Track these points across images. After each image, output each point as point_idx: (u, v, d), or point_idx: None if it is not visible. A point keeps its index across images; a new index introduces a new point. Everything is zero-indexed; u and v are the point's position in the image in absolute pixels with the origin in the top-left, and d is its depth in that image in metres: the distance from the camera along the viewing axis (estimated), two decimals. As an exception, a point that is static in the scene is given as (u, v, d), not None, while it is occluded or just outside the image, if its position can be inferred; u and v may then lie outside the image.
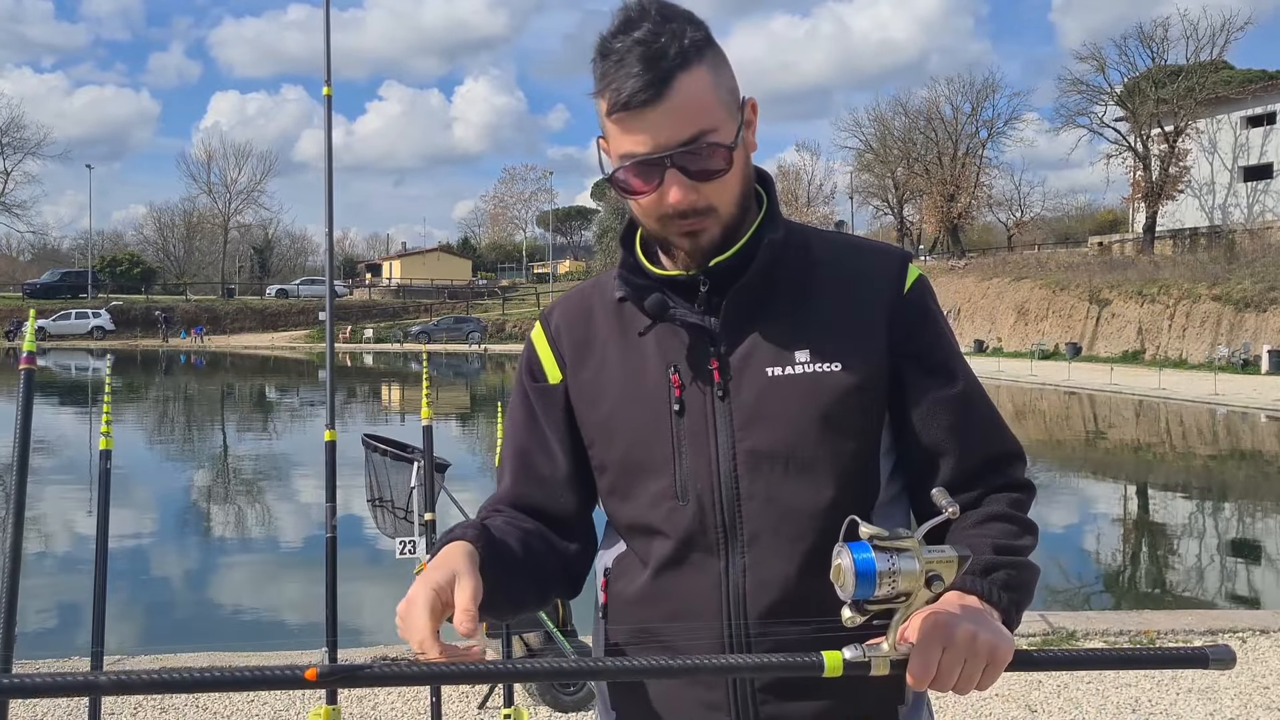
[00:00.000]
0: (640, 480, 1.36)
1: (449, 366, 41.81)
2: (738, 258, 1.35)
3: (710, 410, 1.33)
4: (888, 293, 1.37)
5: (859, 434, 1.33)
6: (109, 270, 69.56)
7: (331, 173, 2.60)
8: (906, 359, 1.36)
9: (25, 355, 1.80)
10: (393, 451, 5.51)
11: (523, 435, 1.47)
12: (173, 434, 20.52)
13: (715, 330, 1.35)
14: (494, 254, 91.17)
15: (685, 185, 1.27)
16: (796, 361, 1.33)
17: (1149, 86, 47.35)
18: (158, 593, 8.47)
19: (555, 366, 1.45)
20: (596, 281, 1.50)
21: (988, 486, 1.36)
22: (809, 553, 1.29)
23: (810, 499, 1.30)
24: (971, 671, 1.16)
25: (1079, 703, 4.74)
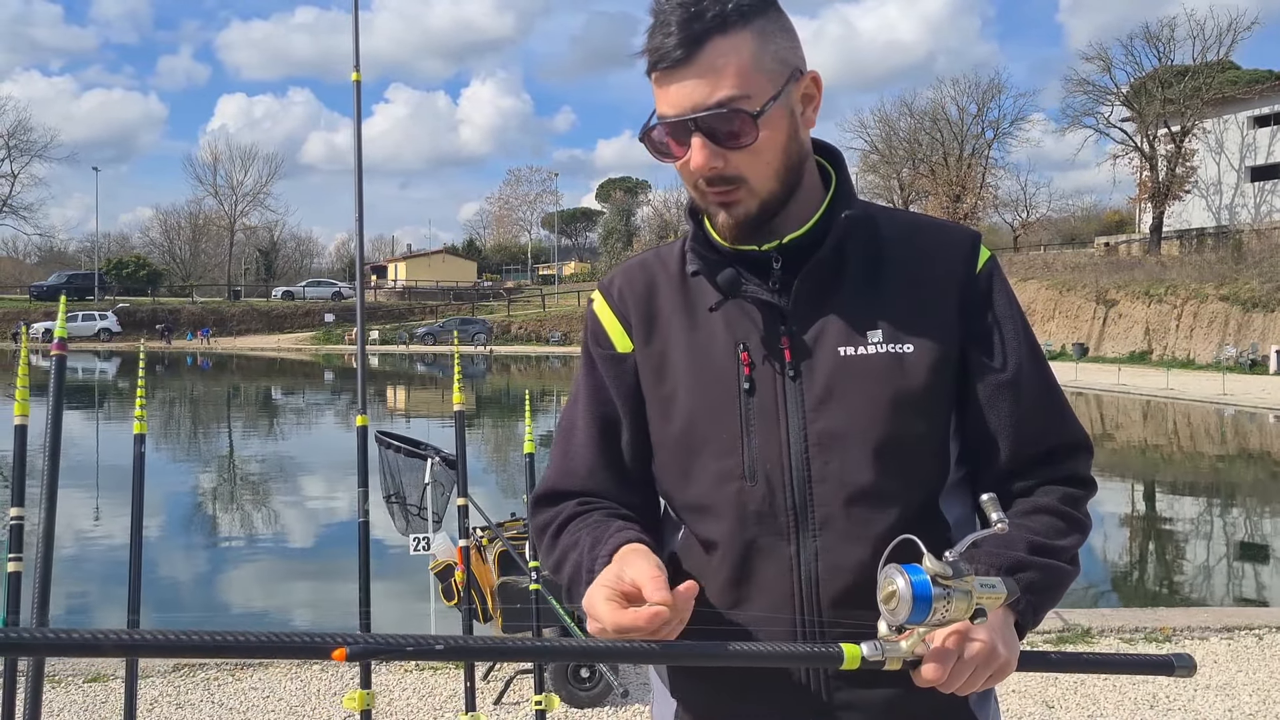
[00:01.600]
0: (703, 459, 1.33)
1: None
2: (810, 235, 1.32)
3: (781, 390, 1.30)
4: (959, 272, 1.34)
5: (931, 415, 1.30)
6: (115, 272, 69.74)
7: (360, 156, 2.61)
8: (976, 339, 1.34)
9: (56, 342, 1.80)
10: (406, 448, 5.53)
11: (596, 407, 1.42)
12: (184, 434, 20.55)
13: (786, 309, 1.31)
14: (499, 256, 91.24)
15: (710, 151, 1.24)
16: (869, 341, 1.30)
17: (1155, 87, 47.28)
18: (180, 586, 8.48)
19: (624, 335, 1.41)
20: (656, 253, 1.46)
21: (1044, 478, 1.34)
22: (882, 536, 1.25)
23: (883, 481, 1.27)
24: (976, 679, 1.17)
25: (1096, 699, 4.72)
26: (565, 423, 1.46)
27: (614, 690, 4.58)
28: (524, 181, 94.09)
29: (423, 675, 5.05)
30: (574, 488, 1.40)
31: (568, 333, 54.33)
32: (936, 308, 1.32)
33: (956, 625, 1.13)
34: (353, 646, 0.93)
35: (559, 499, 1.41)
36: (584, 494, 1.39)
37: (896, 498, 1.28)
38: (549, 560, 1.38)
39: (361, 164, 2.65)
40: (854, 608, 1.24)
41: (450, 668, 5.13)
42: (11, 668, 1.75)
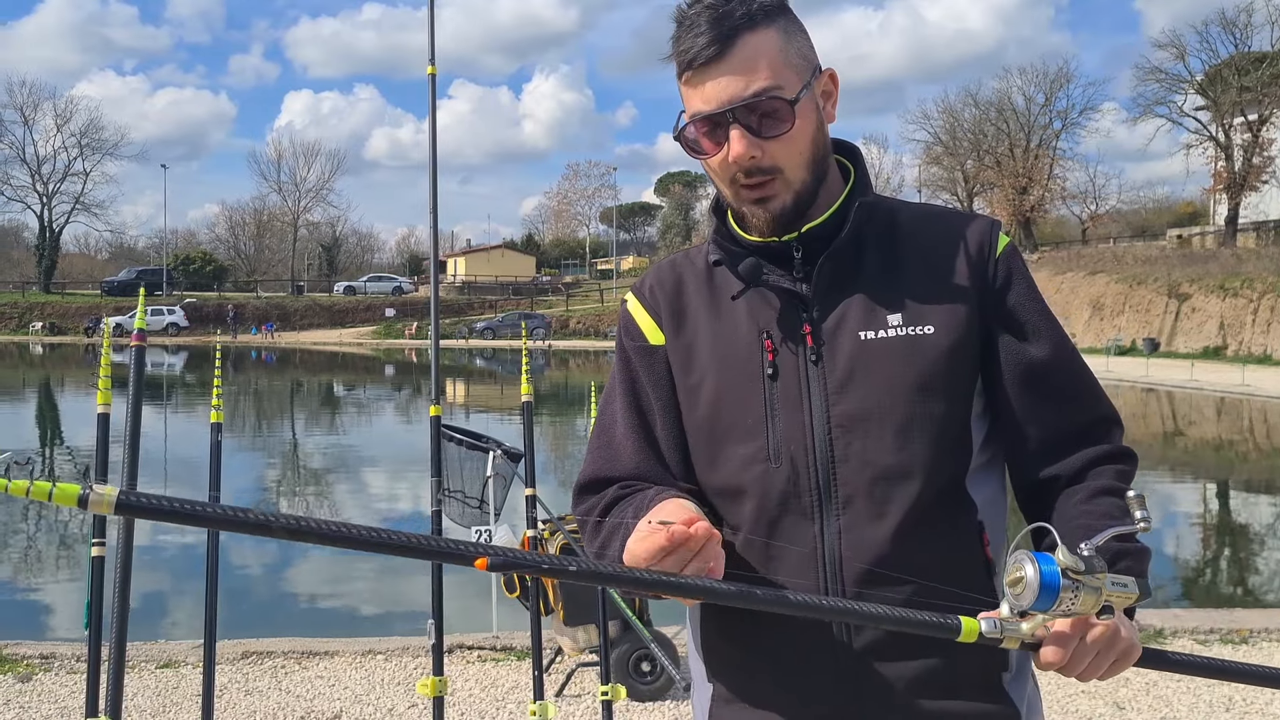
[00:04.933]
0: (729, 444, 1.37)
1: (514, 363, 42.11)
2: (829, 224, 1.37)
3: (804, 374, 1.34)
4: (978, 256, 1.38)
5: (952, 397, 1.33)
6: (183, 268, 71.38)
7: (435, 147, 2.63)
8: (998, 322, 1.37)
9: (136, 333, 1.84)
10: (468, 441, 5.57)
11: (632, 399, 1.46)
12: (252, 427, 20.98)
13: (808, 295, 1.37)
14: (557, 250, 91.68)
15: (748, 141, 1.29)
16: (889, 325, 1.34)
17: (1231, 74, 46.00)
18: (251, 577, 8.65)
19: (656, 329, 1.46)
20: (686, 253, 1.53)
21: (1086, 455, 1.36)
22: (904, 515, 1.30)
23: (904, 461, 1.31)
24: (1099, 664, 1.18)
25: (1169, 700, 4.61)
26: (602, 418, 1.50)
27: (676, 683, 4.58)
28: (582, 176, 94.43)
29: (485, 667, 5.09)
30: (616, 474, 1.43)
31: (626, 327, 54.33)
32: (955, 292, 1.36)
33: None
34: (494, 558, 0.99)
35: (601, 485, 1.44)
36: (626, 479, 1.42)
37: (918, 477, 1.31)
38: (594, 544, 1.40)
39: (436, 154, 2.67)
40: (876, 585, 1.28)
41: (513, 659, 5.17)
42: (95, 654, 1.80)
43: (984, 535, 1.35)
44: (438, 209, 2.69)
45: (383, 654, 5.27)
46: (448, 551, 1.01)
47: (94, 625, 1.80)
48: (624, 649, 4.58)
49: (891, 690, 1.31)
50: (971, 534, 1.34)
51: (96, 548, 1.81)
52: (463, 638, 5.45)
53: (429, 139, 2.67)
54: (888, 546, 1.29)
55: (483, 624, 5.71)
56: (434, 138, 2.62)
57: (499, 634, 5.43)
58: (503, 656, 5.24)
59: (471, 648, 5.32)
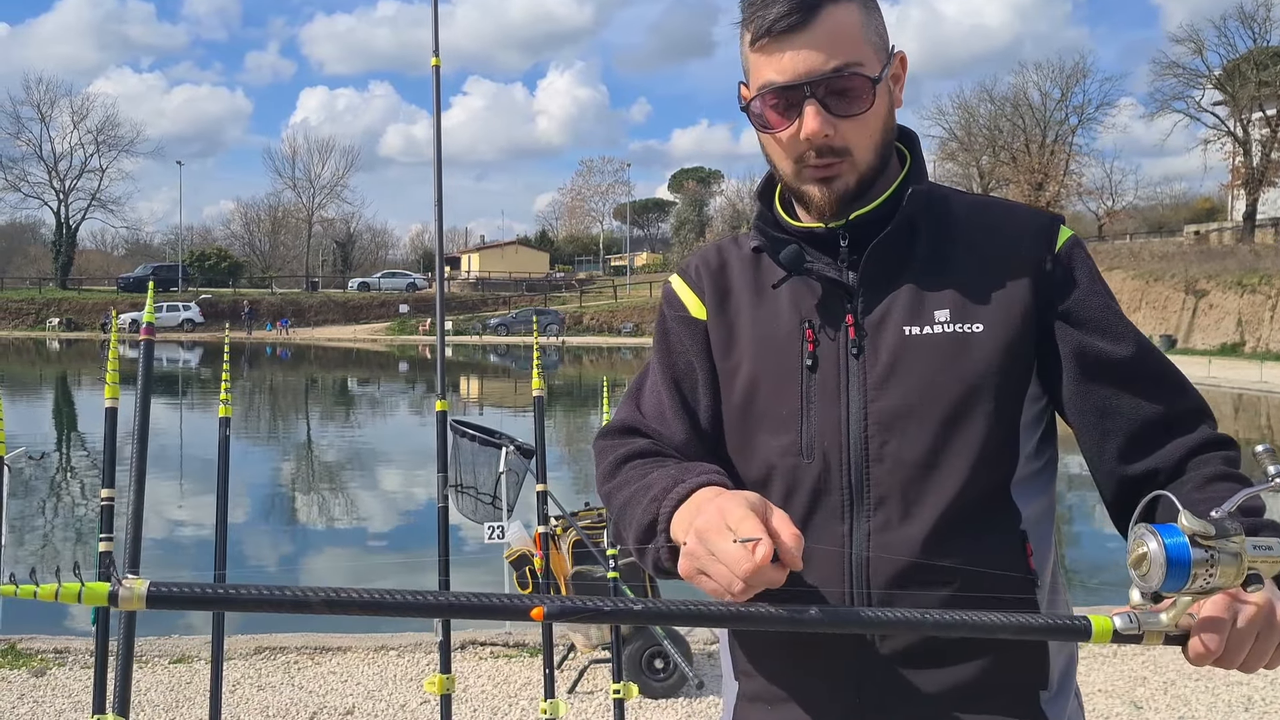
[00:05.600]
0: (762, 433, 1.32)
1: (528, 359, 42.14)
2: (879, 211, 1.30)
3: (843, 367, 1.29)
4: (1037, 252, 1.30)
5: (998, 399, 1.26)
6: (198, 264, 71.66)
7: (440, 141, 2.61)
8: (1063, 320, 1.29)
9: (145, 327, 1.82)
10: (480, 437, 5.56)
11: (669, 370, 1.40)
12: (266, 422, 21.05)
13: (852, 286, 1.30)
14: (571, 247, 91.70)
15: (823, 118, 1.23)
16: (936, 321, 1.27)
17: (1250, 69, 45.63)
18: (263, 572, 8.67)
19: (698, 303, 1.41)
20: (734, 237, 1.47)
21: (1184, 445, 1.25)
22: (938, 520, 1.24)
23: (941, 464, 1.24)
24: (1263, 649, 1.05)
25: (1188, 699, 4.56)
26: (637, 382, 1.45)
27: (689, 681, 4.56)
28: (596, 172, 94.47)
29: (498, 663, 5.08)
30: (646, 428, 1.38)
31: (639, 324, 54.42)
32: (1010, 289, 1.28)
33: (1225, 592, 1.02)
34: (550, 606, 0.94)
35: (632, 433, 1.39)
36: (658, 437, 1.37)
37: (955, 482, 1.24)
38: (609, 483, 1.34)
39: (440, 149, 2.65)
40: (903, 590, 1.23)
41: (525, 655, 5.16)
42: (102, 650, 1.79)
43: (1027, 546, 1.27)
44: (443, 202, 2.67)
45: (395, 650, 5.27)
46: (500, 608, 0.96)
47: (101, 622, 1.79)
48: (637, 645, 4.56)
49: (918, 697, 1.25)
50: (1012, 544, 1.26)
51: (104, 543, 1.80)
52: (475, 634, 5.44)
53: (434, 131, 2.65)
54: (918, 551, 1.23)
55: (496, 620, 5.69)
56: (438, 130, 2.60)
57: (511, 630, 5.42)
58: (515, 653, 5.23)
59: (484, 644, 5.32)
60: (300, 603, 0.91)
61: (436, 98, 2.66)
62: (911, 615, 1.02)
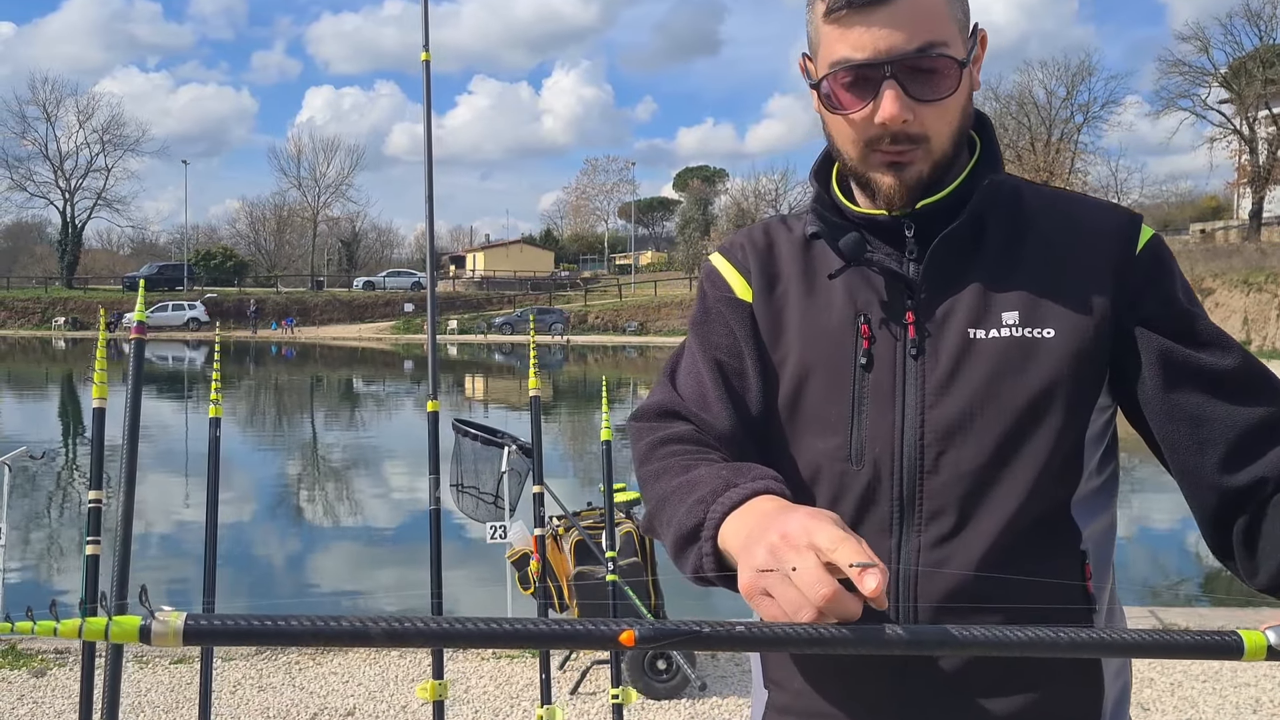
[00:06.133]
0: (807, 435, 1.23)
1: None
2: (948, 201, 1.20)
3: (900, 368, 1.19)
4: (1115, 251, 1.20)
5: (1067, 410, 1.16)
6: (203, 263, 71.77)
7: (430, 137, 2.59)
8: (1145, 325, 1.18)
9: (136, 325, 1.79)
10: (483, 436, 5.54)
11: (709, 352, 1.29)
12: (270, 422, 21.06)
13: (915, 280, 1.20)
14: (576, 245, 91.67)
15: (903, 102, 1.12)
16: (1003, 324, 1.17)
17: (1256, 67, 45.48)
18: (260, 569, 8.66)
19: (744, 284, 1.30)
20: (782, 218, 1.36)
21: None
22: (995, 538, 1.14)
23: (1003, 478, 1.15)
24: None
25: (1195, 701, 4.52)
26: (674, 363, 1.33)
27: (691, 683, 4.53)
28: (601, 171, 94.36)
29: (499, 664, 5.05)
30: (687, 412, 1.26)
31: (644, 322, 54.39)
32: (1085, 291, 1.18)
33: None
34: (642, 630, 0.84)
35: (671, 416, 1.27)
36: (700, 424, 1.24)
37: (1016, 497, 1.15)
38: (648, 464, 1.23)
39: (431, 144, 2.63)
40: (952, 612, 1.13)
41: (527, 657, 5.13)
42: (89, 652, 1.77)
43: (1086, 566, 1.19)
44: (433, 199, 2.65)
45: (397, 651, 5.24)
46: (585, 635, 0.85)
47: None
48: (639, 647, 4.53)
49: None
50: (1071, 564, 1.18)
51: (91, 546, 1.77)
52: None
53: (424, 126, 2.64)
54: (970, 570, 1.14)
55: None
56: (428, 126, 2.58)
57: (513, 630, 5.38)
58: (517, 654, 5.20)
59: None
60: (358, 634, 0.82)
61: (427, 94, 2.64)
62: (1013, 635, 0.88)
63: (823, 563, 0.89)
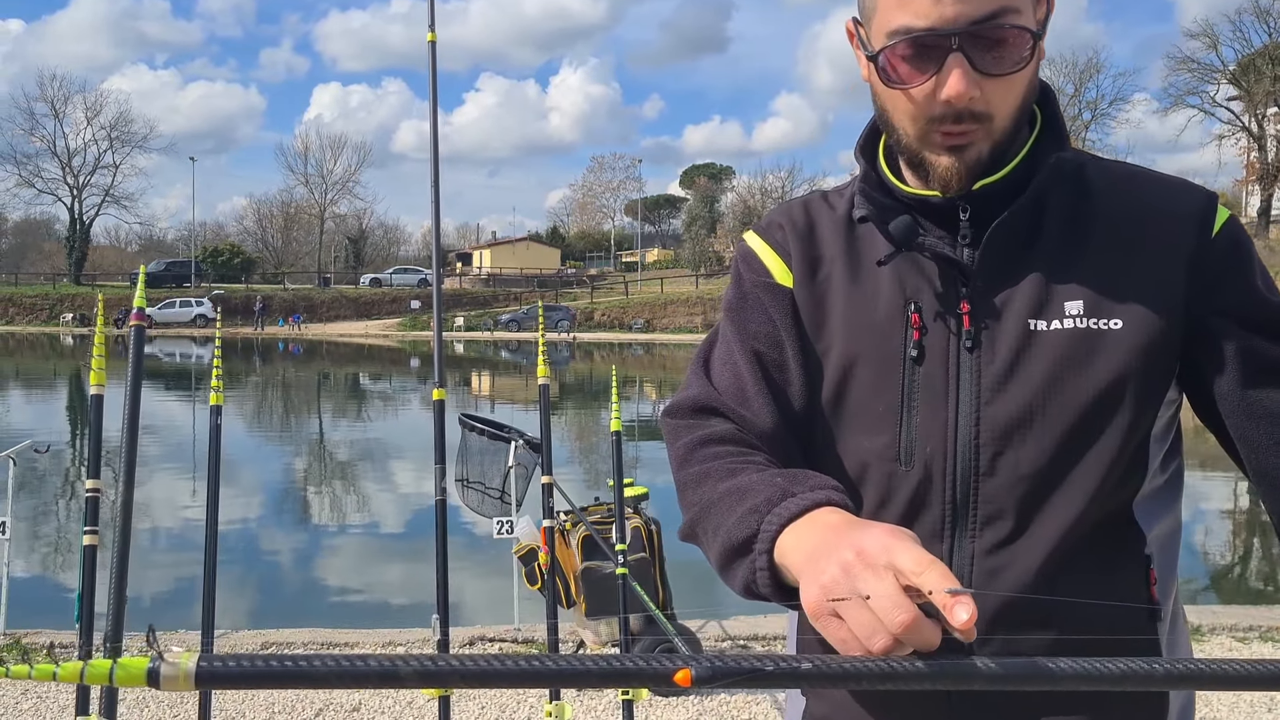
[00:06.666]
0: (852, 433, 1.15)
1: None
2: (1007, 181, 1.10)
3: (954, 362, 1.11)
4: (1189, 235, 1.10)
5: (1134, 407, 1.08)
6: (211, 260, 71.90)
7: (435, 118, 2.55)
8: (1221, 315, 1.09)
9: (135, 311, 1.76)
10: (490, 431, 5.51)
11: (746, 341, 1.19)
12: (277, 417, 21.07)
13: (970, 267, 1.11)
14: (582, 243, 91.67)
15: (970, 78, 1.02)
16: (1067, 314, 1.09)
17: (1265, 64, 45.33)
18: (267, 565, 8.64)
19: (784, 268, 1.21)
20: (823, 195, 1.27)
21: None
22: (1056, 544, 1.07)
23: (1066, 481, 1.08)
24: None
25: (1208, 699, 4.47)
26: (701, 355, 1.25)
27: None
28: (607, 168, 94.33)
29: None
30: (725, 408, 1.17)
31: (650, 320, 54.34)
32: (1156, 278, 1.09)
33: None
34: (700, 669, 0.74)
35: (708, 412, 1.18)
36: (739, 421, 1.16)
37: (1078, 501, 1.08)
38: (686, 468, 1.14)
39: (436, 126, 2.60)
40: (1009, 626, 1.07)
41: (537, 650, 5.10)
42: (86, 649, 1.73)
43: (1150, 572, 1.12)
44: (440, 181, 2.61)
45: (403, 646, 5.22)
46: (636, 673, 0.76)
47: (85, 619, 1.71)
48: (647, 643, 4.49)
49: None
50: (1136, 571, 1.11)
51: (89, 536, 1.74)
52: (484, 630, 5.39)
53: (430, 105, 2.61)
54: (1030, 579, 1.07)
55: (505, 616, 5.64)
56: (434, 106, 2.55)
57: (520, 627, 5.36)
58: (524, 649, 5.17)
59: (493, 640, 5.26)
60: (388, 675, 0.75)
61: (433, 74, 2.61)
62: (1117, 668, 0.76)
63: (902, 586, 0.80)
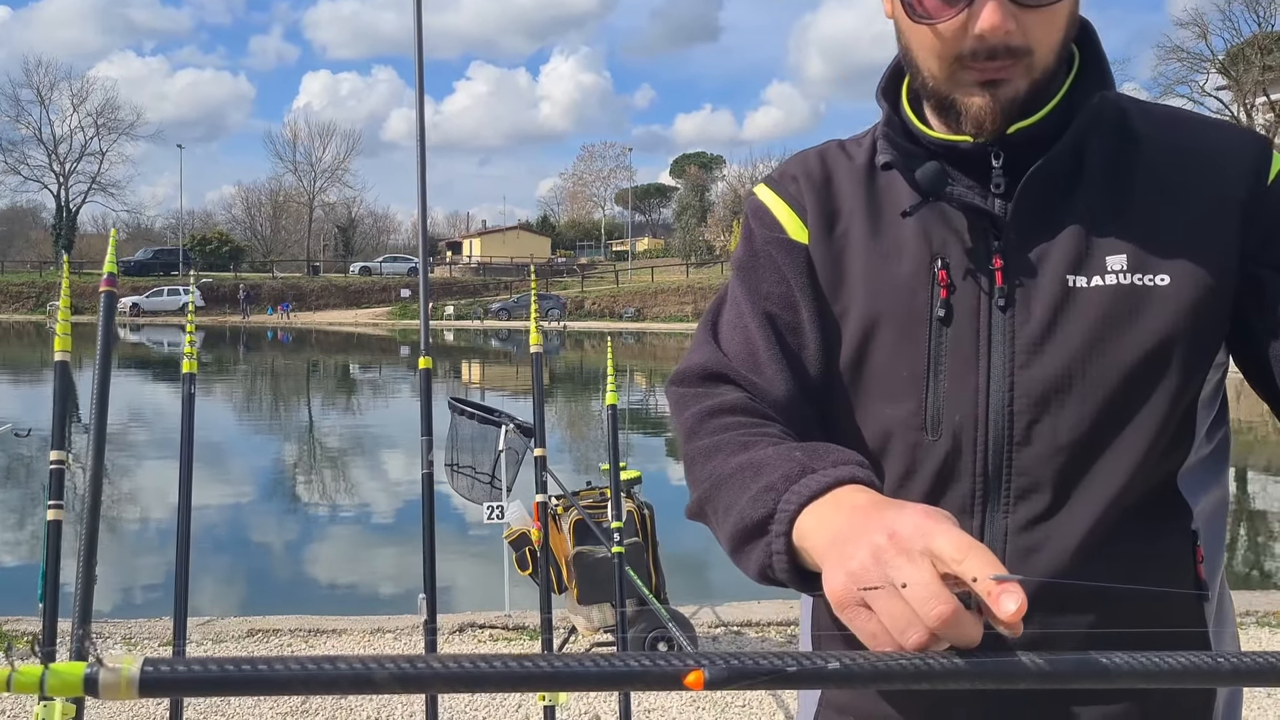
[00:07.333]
0: (873, 400, 1.06)
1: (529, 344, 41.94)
2: (1045, 124, 1.01)
3: (985, 322, 1.02)
4: (1242, 182, 1.01)
5: (1183, 370, 1.00)
6: (199, 249, 71.51)
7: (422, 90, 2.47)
8: (1275, 271, 1.00)
9: (106, 277, 1.68)
10: (480, 415, 5.42)
11: (759, 303, 1.11)
12: (266, 404, 20.94)
13: (1003, 218, 1.02)
14: (573, 232, 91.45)
15: (1005, 9, 0.93)
16: (1109, 269, 1.00)
17: (1254, 53, 45.31)
18: (253, 551, 8.55)
19: (798, 224, 1.11)
20: (840, 144, 1.17)
21: None
22: (1097, 520, 0.99)
23: (1109, 452, 1.00)
24: None
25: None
26: (709, 318, 1.16)
27: (692, 665, 4.42)
28: (598, 157, 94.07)
29: (496, 646, 4.95)
30: (736, 375, 1.09)
31: (641, 308, 54.27)
32: (1206, 229, 1.00)
33: None
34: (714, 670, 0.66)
35: (718, 380, 1.10)
36: (751, 389, 1.07)
37: (1121, 474, 0.99)
38: (694, 440, 1.05)
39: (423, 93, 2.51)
40: (1046, 609, 0.98)
41: (525, 639, 5.03)
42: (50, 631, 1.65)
43: (1197, 549, 1.04)
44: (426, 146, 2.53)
45: (391, 632, 5.14)
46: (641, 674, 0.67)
47: (49, 599, 1.61)
48: (640, 629, 4.43)
49: None
50: (1182, 547, 1.03)
51: (53, 511, 1.64)
52: (474, 616, 5.32)
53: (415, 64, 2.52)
54: (1068, 559, 0.99)
55: (495, 602, 5.58)
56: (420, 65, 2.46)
57: (511, 613, 5.29)
58: (515, 636, 5.10)
59: (483, 626, 5.19)
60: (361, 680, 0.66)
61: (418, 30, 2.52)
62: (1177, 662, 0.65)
63: (940, 574, 0.70)
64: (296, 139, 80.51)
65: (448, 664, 0.65)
